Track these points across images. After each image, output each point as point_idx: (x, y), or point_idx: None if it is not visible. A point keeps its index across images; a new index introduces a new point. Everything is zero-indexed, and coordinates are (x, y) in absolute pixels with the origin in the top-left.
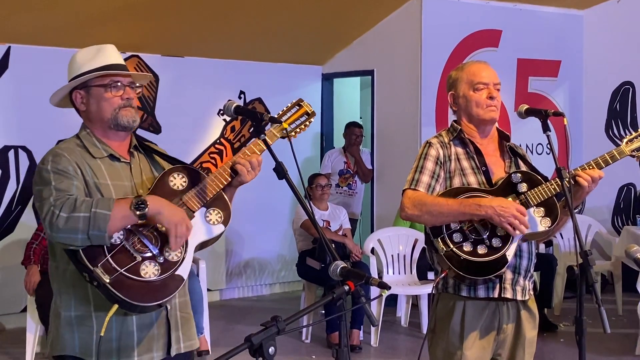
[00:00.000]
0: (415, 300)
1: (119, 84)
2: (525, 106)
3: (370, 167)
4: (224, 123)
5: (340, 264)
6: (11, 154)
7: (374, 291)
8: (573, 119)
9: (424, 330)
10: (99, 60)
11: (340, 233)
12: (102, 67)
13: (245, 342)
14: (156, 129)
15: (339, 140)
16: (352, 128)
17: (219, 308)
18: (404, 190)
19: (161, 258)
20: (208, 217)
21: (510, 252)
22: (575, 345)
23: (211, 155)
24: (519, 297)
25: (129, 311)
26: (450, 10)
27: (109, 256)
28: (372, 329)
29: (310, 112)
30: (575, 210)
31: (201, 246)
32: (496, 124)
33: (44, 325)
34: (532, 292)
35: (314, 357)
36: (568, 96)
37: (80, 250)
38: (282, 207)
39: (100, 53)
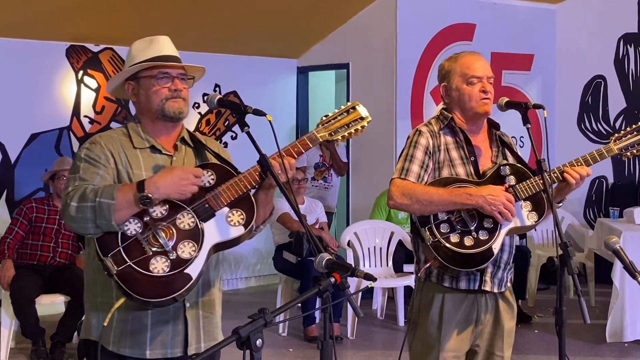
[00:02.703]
0: (391, 293)
1: (167, 75)
2: (506, 99)
3: (345, 160)
4: (199, 116)
5: (326, 256)
6: None
7: (351, 283)
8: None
9: (400, 323)
10: (150, 52)
11: (317, 226)
12: (152, 59)
13: (233, 334)
14: None
15: None
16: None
17: None
18: (392, 179)
19: (173, 254)
20: (229, 217)
21: (496, 245)
22: (549, 336)
23: None
24: (496, 290)
25: (137, 304)
26: (425, 3)
27: (121, 247)
28: (349, 321)
29: (364, 115)
30: (559, 205)
31: (219, 247)
32: None
33: (19, 320)
34: (509, 284)
35: (291, 350)
36: (541, 90)
37: (95, 239)
38: None
39: (152, 44)
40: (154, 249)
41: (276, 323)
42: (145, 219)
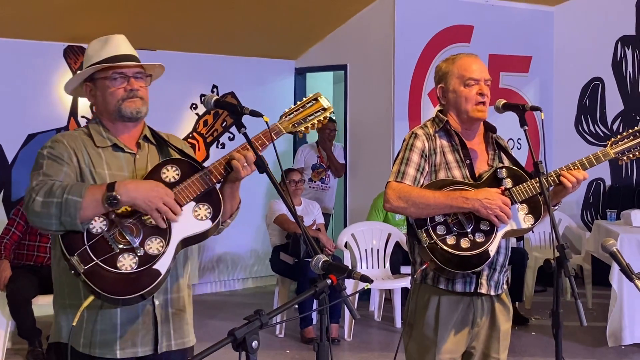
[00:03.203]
0: (388, 295)
1: (122, 75)
2: (503, 101)
3: (343, 161)
4: (196, 117)
5: (322, 257)
6: None
7: (348, 285)
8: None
9: (397, 325)
10: (104, 52)
11: (314, 228)
12: (105, 60)
13: (229, 336)
14: None
15: (312, 135)
16: (325, 122)
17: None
18: (388, 182)
19: (141, 251)
20: (196, 211)
21: (492, 247)
22: (546, 338)
23: None
24: (492, 292)
25: (107, 303)
26: (423, 5)
27: (87, 245)
28: (346, 323)
29: (327, 106)
30: (555, 208)
31: (187, 242)
32: None
33: (15, 321)
34: (505, 286)
35: (288, 351)
36: (538, 92)
37: (60, 238)
38: (256, 202)
39: (107, 44)
40: (120, 246)
41: (272, 325)
42: (111, 216)
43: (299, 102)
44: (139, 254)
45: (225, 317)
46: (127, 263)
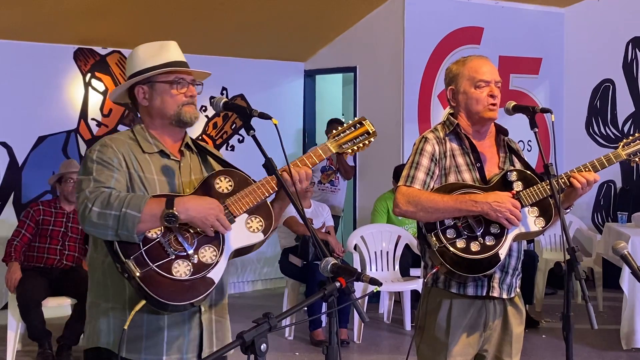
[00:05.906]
0: (397, 297)
1: (183, 81)
2: (513, 103)
3: (352, 164)
4: (206, 119)
5: (331, 260)
6: None
7: (357, 288)
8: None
9: (407, 327)
10: (163, 57)
11: (323, 230)
12: (167, 64)
13: (238, 338)
14: None
15: (321, 137)
16: (334, 125)
17: None
18: (397, 186)
19: (195, 258)
20: (249, 223)
21: (503, 250)
22: (557, 341)
23: None
24: (505, 296)
25: (156, 308)
26: (433, 7)
27: (142, 250)
28: (356, 325)
29: (371, 131)
30: (567, 211)
31: (238, 253)
32: None
33: (25, 323)
34: (518, 289)
35: (297, 353)
36: (549, 93)
37: (116, 242)
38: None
39: (163, 49)
40: (175, 253)
41: (281, 328)
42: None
43: (345, 124)
44: (193, 262)
45: (234, 319)
46: (181, 270)
